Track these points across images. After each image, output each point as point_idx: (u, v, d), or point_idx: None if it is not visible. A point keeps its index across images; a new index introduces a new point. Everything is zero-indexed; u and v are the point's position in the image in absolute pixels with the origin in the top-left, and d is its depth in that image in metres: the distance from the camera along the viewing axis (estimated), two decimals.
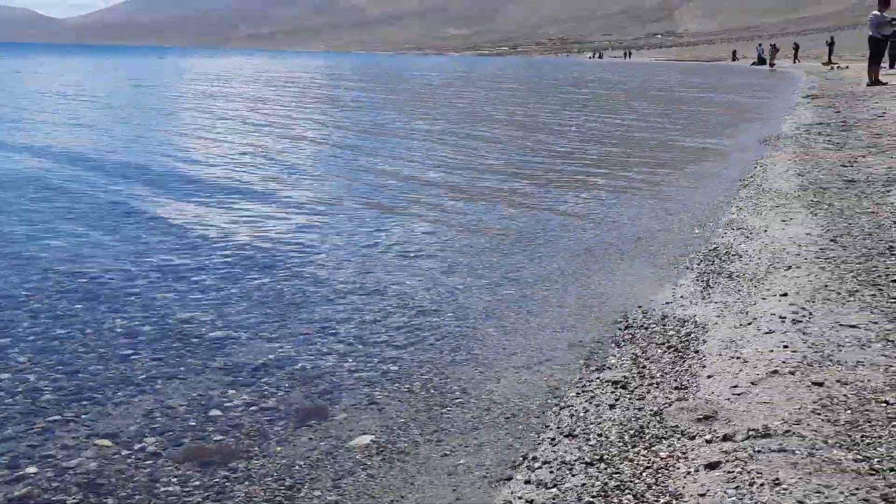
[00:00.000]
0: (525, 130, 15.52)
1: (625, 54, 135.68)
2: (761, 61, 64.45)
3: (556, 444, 2.91)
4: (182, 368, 3.64)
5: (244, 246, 5.78)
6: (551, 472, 2.70)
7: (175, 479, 2.72)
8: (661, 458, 2.67)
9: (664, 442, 2.79)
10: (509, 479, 2.72)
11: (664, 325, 4.16)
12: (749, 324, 3.94)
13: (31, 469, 2.75)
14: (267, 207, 7.25)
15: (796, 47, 66.64)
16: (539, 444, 2.96)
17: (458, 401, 3.38)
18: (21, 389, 3.38)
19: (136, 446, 2.92)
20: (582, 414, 3.17)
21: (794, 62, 62.21)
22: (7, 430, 3.02)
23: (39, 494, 2.61)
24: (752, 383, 3.17)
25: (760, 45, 69.02)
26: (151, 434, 3.02)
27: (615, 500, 2.45)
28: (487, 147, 12.42)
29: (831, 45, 53.15)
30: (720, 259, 5.31)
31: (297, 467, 2.82)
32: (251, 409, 3.26)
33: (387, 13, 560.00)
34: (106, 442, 2.95)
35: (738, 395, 3.09)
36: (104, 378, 3.51)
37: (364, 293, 4.78)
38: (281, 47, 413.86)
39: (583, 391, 3.43)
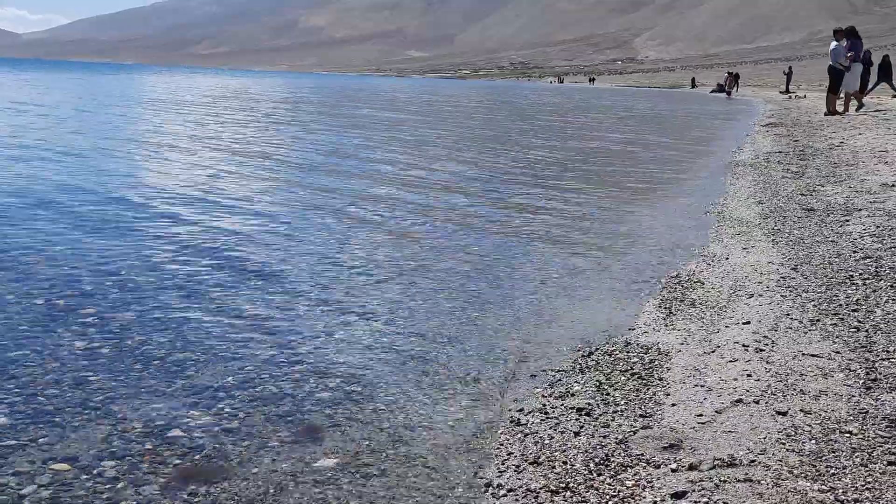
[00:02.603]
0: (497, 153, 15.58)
1: (590, 80, 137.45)
2: (720, 88, 65.40)
3: (520, 472, 2.89)
4: (142, 389, 3.57)
5: (203, 264, 5.71)
6: (516, 499, 2.67)
7: (134, 502, 2.66)
8: (627, 487, 2.66)
9: (630, 470, 2.78)
10: None
11: (627, 353, 4.15)
12: (712, 352, 3.95)
13: None
14: (230, 226, 7.15)
15: (736, 76, 67.02)
16: (504, 471, 2.93)
17: (422, 426, 3.34)
18: None
19: (95, 470, 2.85)
20: (546, 441, 3.14)
21: (735, 91, 62.83)
22: None
23: None
24: (717, 412, 3.18)
25: (728, 72, 69.78)
26: (111, 458, 2.95)
27: None
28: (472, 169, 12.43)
29: (789, 74, 54.08)
30: (682, 286, 5.33)
31: (259, 490, 2.77)
32: (212, 430, 3.20)
33: (347, 35, 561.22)
34: (64, 466, 2.88)
35: (703, 423, 3.09)
36: (61, 400, 3.43)
37: (326, 313, 4.73)
38: (241, 66, 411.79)
39: (547, 418, 3.41)
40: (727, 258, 5.91)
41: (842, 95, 21.71)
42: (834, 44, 21.24)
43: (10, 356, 3.89)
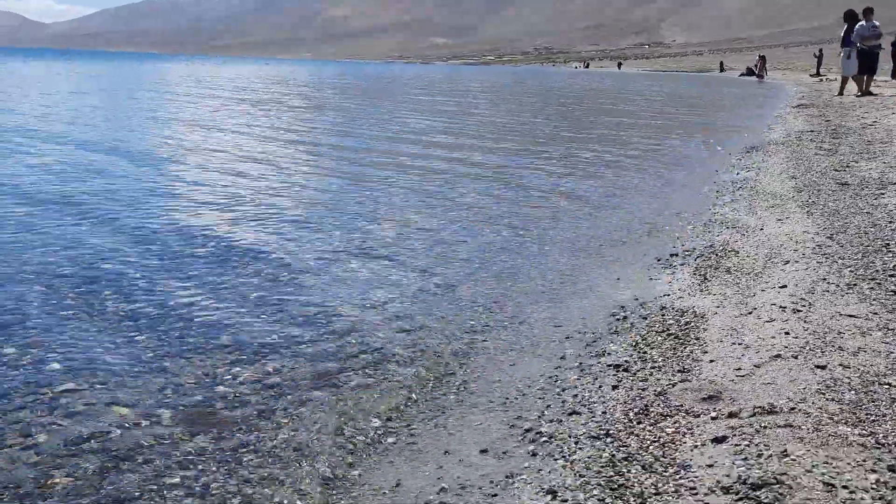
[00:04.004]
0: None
1: (618, 65, 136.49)
2: (749, 72, 64.72)
3: (561, 422, 2.93)
4: (186, 348, 3.65)
5: (241, 236, 5.80)
6: (558, 445, 2.72)
7: (190, 448, 2.75)
8: (668, 434, 2.69)
9: (669, 419, 2.82)
10: (516, 452, 2.74)
11: (663, 316, 4.17)
12: (749, 313, 3.97)
13: (42, 437, 2.78)
14: (264, 199, 7.24)
15: (762, 59, 64.79)
16: (544, 420, 2.97)
17: (461, 385, 3.39)
18: (27, 364, 3.40)
19: (152, 418, 2.96)
20: (585, 394, 3.18)
21: (765, 74, 61.27)
22: (15, 400, 3.05)
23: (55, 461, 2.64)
24: (756, 366, 3.20)
25: (760, 55, 68.49)
26: (164, 407, 3.05)
27: (623, 470, 2.47)
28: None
29: (820, 57, 53.42)
30: (717, 255, 5.33)
31: (306, 440, 2.84)
32: (256, 386, 3.28)
33: (369, 24, 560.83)
34: (124, 410, 2.99)
35: (742, 376, 3.12)
36: (113, 355, 3.53)
37: (361, 282, 4.79)
38: (266, 55, 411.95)
39: (584, 374, 3.44)
40: (762, 229, 5.90)
41: (864, 77, 21.45)
42: (861, 23, 21.01)
43: (61, 315, 4.00)
